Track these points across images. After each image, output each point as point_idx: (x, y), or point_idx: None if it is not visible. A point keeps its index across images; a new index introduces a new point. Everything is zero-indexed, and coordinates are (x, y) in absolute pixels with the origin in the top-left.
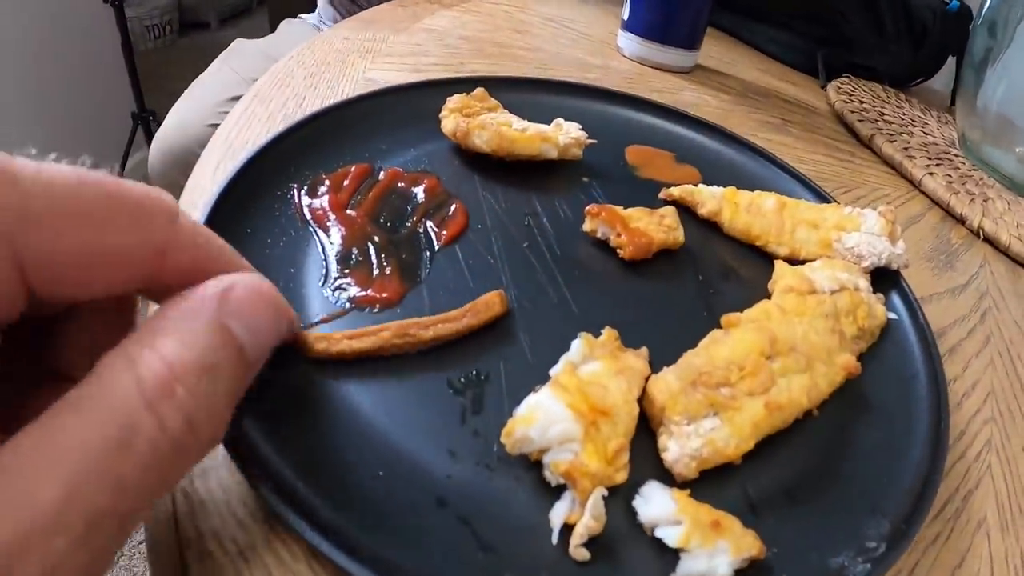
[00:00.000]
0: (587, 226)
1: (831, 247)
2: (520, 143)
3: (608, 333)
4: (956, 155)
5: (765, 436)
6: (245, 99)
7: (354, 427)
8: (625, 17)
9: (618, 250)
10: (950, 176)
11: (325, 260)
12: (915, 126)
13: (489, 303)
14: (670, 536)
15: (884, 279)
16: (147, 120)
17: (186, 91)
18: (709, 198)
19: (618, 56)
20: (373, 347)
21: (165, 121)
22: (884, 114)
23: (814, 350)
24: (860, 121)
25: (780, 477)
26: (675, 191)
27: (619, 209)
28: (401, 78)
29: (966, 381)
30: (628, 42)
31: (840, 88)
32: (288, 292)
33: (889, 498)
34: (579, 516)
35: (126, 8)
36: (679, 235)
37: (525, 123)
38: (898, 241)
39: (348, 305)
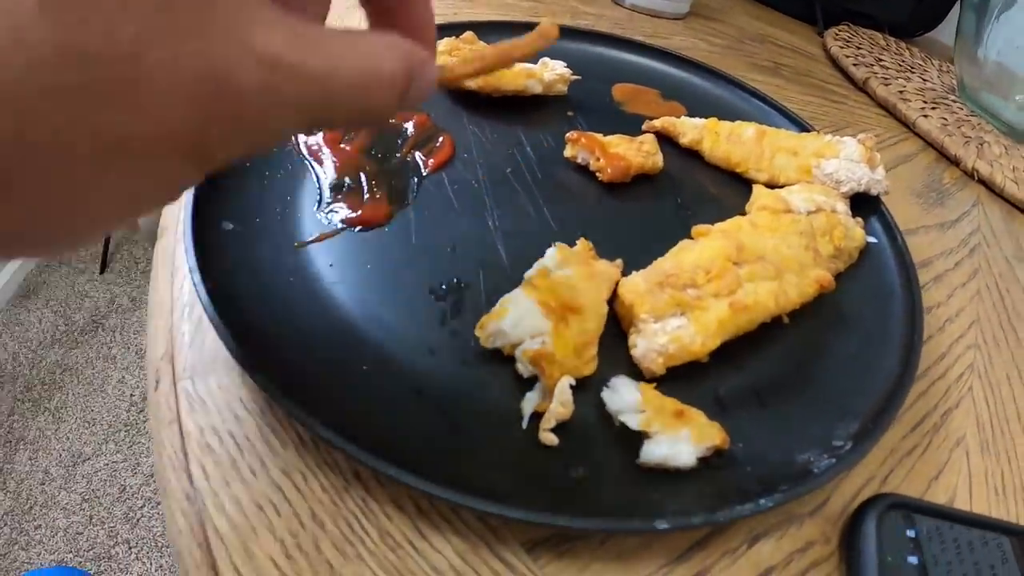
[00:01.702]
0: (568, 152)
1: (810, 173)
2: (506, 78)
3: (582, 243)
4: (954, 101)
5: (732, 336)
6: None
7: (344, 330)
8: None
9: (597, 173)
10: (945, 119)
11: (319, 188)
12: (913, 73)
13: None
14: (632, 421)
15: (866, 206)
16: None
17: None
18: (690, 128)
19: (611, 5)
20: (477, 70)
21: None
22: (881, 60)
23: (785, 261)
24: (855, 65)
25: (751, 380)
26: (657, 122)
27: (598, 135)
28: None
29: (950, 308)
30: None
31: (838, 35)
32: (285, 217)
33: (859, 402)
34: (548, 404)
35: None
36: (658, 160)
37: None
38: (877, 167)
39: (340, 225)
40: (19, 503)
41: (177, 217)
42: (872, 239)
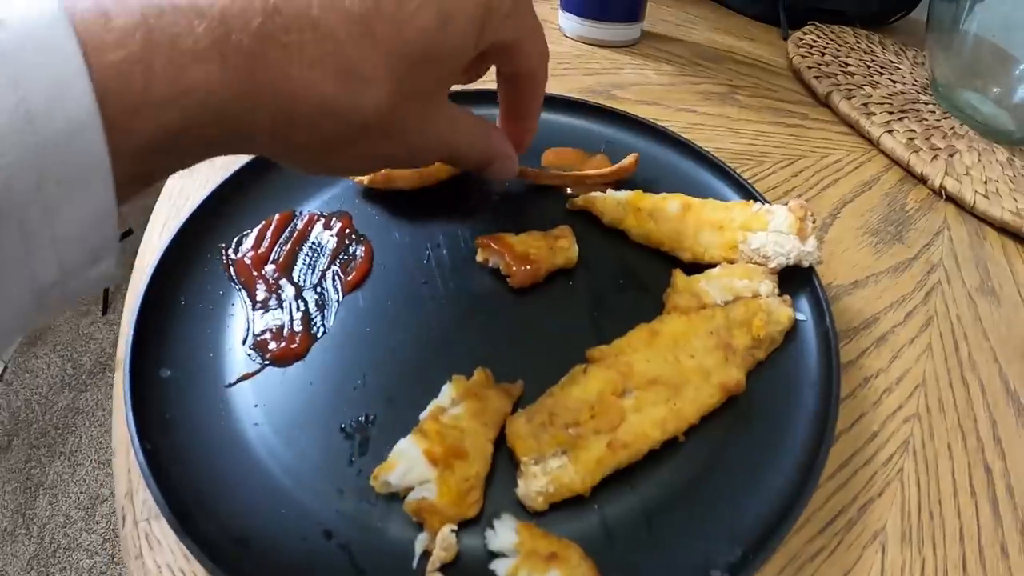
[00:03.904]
0: (479, 256)
1: (736, 249)
2: (442, 170)
3: (479, 373)
4: (926, 103)
5: (614, 470)
6: None
7: (263, 475)
8: None
9: (508, 278)
10: (913, 131)
11: (248, 319)
12: (883, 74)
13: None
14: (501, 568)
15: (798, 277)
16: None
17: None
18: (613, 206)
19: (559, 37)
20: (553, 183)
21: None
22: (847, 65)
23: (685, 376)
24: (817, 78)
25: (640, 503)
26: (579, 201)
27: (509, 236)
28: None
29: (891, 375)
30: (567, 21)
31: (801, 40)
32: (217, 355)
33: (747, 523)
34: (432, 546)
35: None
36: (572, 255)
37: None
38: (808, 238)
39: (263, 363)
40: (43, 547)
41: (128, 353)
42: (800, 316)
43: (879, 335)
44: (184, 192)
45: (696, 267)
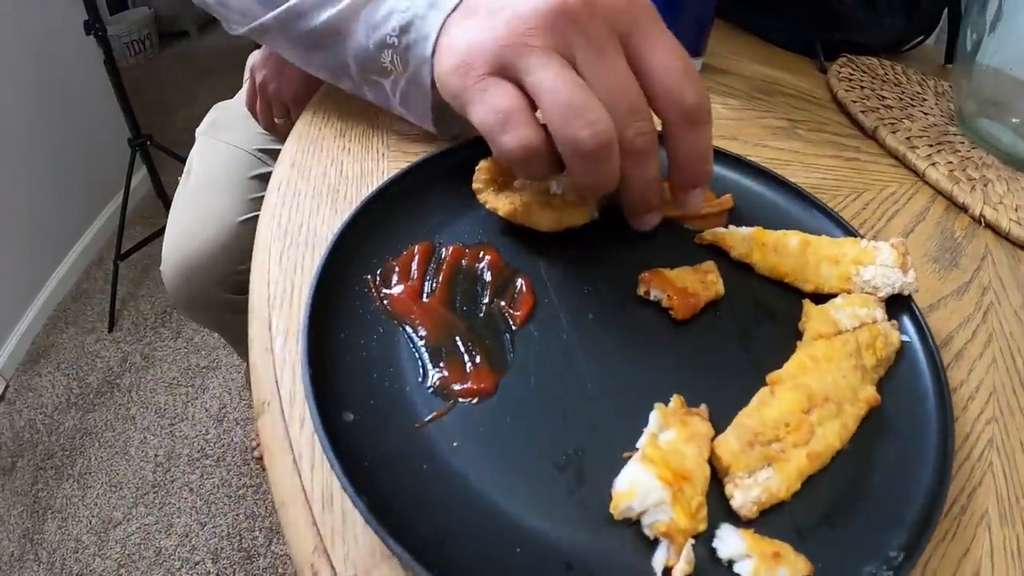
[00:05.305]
0: (640, 290)
1: (850, 280)
2: (576, 217)
3: (675, 400)
4: (956, 134)
5: (808, 476)
6: (281, 172)
7: (494, 516)
8: None
9: (670, 311)
10: (951, 163)
11: (419, 357)
12: (914, 106)
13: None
14: (744, 569)
15: (897, 302)
16: (144, 144)
17: (184, 183)
18: (739, 241)
19: None
20: (678, 216)
21: (170, 226)
22: (884, 98)
23: (842, 393)
24: (863, 112)
25: (820, 504)
26: (707, 236)
27: (667, 272)
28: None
29: (971, 385)
30: None
31: (840, 73)
32: (393, 392)
33: (906, 512)
34: (674, 561)
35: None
36: (720, 288)
37: (556, 183)
38: (909, 270)
39: (451, 401)
40: (53, 573)
41: (275, 394)
42: (905, 338)
43: (956, 352)
44: (295, 221)
45: (816, 296)
